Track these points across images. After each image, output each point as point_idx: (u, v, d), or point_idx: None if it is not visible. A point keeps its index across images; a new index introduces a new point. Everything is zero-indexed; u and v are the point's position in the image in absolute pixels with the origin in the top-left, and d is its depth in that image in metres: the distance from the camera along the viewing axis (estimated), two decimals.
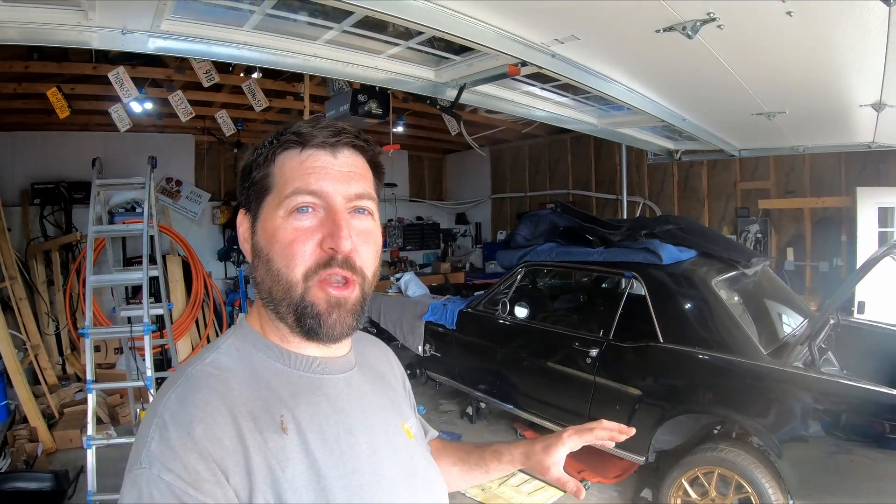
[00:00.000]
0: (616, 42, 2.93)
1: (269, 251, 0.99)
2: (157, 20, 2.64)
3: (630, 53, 3.14)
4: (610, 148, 9.44)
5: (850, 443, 3.29)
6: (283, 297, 0.98)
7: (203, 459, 0.84)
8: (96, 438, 4.21)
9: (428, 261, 12.30)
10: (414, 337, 6.30)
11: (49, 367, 6.79)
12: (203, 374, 0.96)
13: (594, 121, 5.28)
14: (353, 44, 3.29)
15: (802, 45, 2.80)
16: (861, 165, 6.94)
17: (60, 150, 8.19)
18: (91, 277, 4.89)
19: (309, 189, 0.97)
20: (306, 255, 0.96)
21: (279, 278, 0.98)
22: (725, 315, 4.04)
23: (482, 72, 3.50)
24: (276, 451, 0.91)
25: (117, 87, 4.86)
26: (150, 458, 0.84)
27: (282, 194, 0.98)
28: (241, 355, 1.01)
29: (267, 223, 1.00)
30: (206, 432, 0.86)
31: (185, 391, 0.92)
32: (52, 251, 7.67)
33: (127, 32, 2.69)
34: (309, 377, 1.03)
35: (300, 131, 1.01)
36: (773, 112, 4.22)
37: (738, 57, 2.99)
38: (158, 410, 0.90)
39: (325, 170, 1.00)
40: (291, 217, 0.97)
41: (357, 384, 1.11)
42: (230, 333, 1.07)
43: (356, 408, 1.07)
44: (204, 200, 9.72)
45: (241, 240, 1.07)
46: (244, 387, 0.96)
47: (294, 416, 0.96)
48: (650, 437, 4.07)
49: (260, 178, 1.02)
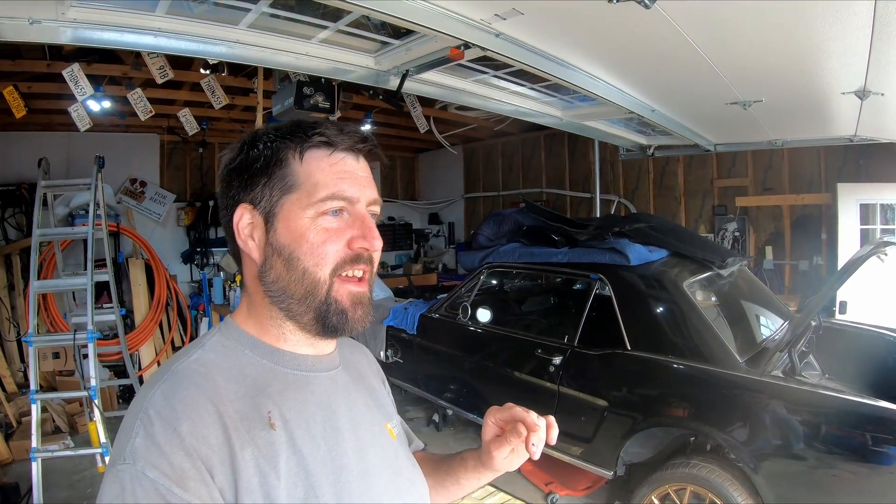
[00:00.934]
0: (564, 17, 2.64)
1: (294, 249, 1.00)
2: (60, 7, 2.51)
3: (582, 31, 2.87)
4: (584, 145, 9.29)
5: (831, 456, 3.08)
6: (304, 296, 1.00)
7: (189, 457, 0.83)
8: (41, 450, 4.16)
9: (400, 262, 12.17)
10: (376, 342, 6.07)
11: (8, 375, 6.79)
12: (189, 370, 0.95)
13: (559, 113, 5.06)
14: (278, 28, 3.07)
15: (777, 20, 2.53)
16: (841, 161, 6.79)
17: (21, 151, 7.96)
18: (35, 283, 4.85)
19: (343, 195, 1.01)
20: (335, 254, 1.00)
21: (305, 277, 1.00)
22: (698, 320, 3.79)
23: (423, 56, 3.25)
24: (264, 447, 0.91)
25: (72, 84, 4.62)
26: (134, 454, 0.83)
27: (313, 196, 1.00)
28: (227, 352, 1.01)
29: (292, 222, 1.00)
30: (192, 429, 0.86)
31: (171, 387, 0.92)
32: (12, 255, 7.59)
33: (34, 22, 2.54)
34: (296, 374, 1.04)
35: (325, 132, 1.02)
36: (748, 101, 3.96)
37: (705, 34, 2.71)
38: (143, 406, 0.89)
39: (353, 175, 1.04)
40: (321, 218, 1.00)
41: (342, 383, 1.13)
42: (216, 331, 1.07)
43: (342, 405, 1.08)
44: (168, 202, 9.51)
45: (241, 235, 1.04)
46: (230, 383, 0.95)
47: (281, 412, 0.96)
48: (618, 450, 3.83)
49: (281, 174, 1.01)
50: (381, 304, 6.38)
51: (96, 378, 4.57)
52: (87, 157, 7.36)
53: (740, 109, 4.15)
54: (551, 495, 4.50)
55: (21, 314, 7.36)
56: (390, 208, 12.53)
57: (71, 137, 8.05)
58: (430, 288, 9.92)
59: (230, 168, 1.05)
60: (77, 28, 2.67)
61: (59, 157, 7.28)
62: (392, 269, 11.72)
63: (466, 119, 8.83)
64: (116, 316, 5.56)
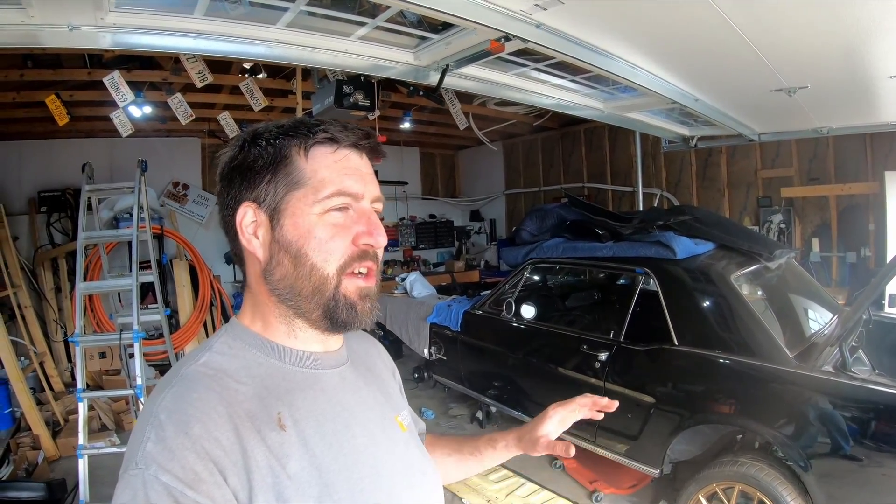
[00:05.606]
0: (604, 4, 2.60)
1: (301, 246, 1.00)
2: (99, 13, 2.55)
3: (626, 20, 2.82)
4: (625, 138, 9.16)
5: (881, 454, 2.97)
6: (313, 293, 1.01)
7: (201, 459, 0.83)
8: (88, 447, 4.24)
9: (442, 259, 12.21)
10: (419, 339, 6.11)
11: (56, 375, 6.96)
12: (198, 373, 0.95)
13: (600, 105, 4.98)
14: (317, 26, 3.07)
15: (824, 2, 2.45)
16: (888, 148, 6.58)
17: (66, 157, 8.20)
18: (80, 284, 4.88)
19: (349, 192, 1.01)
20: (343, 250, 1.00)
21: (313, 273, 1.00)
22: (746, 313, 3.70)
23: (463, 50, 3.22)
24: (275, 448, 0.90)
25: (113, 91, 4.74)
26: (147, 459, 0.83)
27: (319, 192, 1.00)
28: (234, 353, 1.01)
29: (299, 218, 1.00)
30: (204, 432, 0.85)
31: (181, 390, 0.92)
32: (59, 258, 7.81)
33: (74, 28, 2.59)
34: (304, 372, 1.04)
35: (330, 129, 1.02)
36: (793, 87, 3.86)
37: (749, 17, 2.64)
38: (154, 410, 0.89)
39: (358, 171, 1.04)
40: (327, 215, 1.00)
41: (351, 378, 1.13)
42: (222, 333, 1.07)
43: (352, 401, 1.08)
44: (211, 203, 9.66)
45: (244, 234, 1.04)
46: (239, 385, 0.95)
47: (291, 412, 0.96)
48: (665, 448, 3.77)
49: (286, 171, 1.01)
50: (424, 302, 6.39)
51: (142, 376, 4.62)
52: (129, 162, 7.55)
53: (785, 97, 4.07)
54: (596, 493, 4.43)
55: (68, 316, 7.54)
56: (431, 206, 12.60)
57: (113, 143, 8.26)
58: (473, 285, 10.01)
59: (231, 166, 1.05)
60: (116, 32, 2.69)
61: (102, 163, 7.43)
62: (434, 266, 11.76)
63: (506, 115, 8.77)
64: (161, 316, 5.61)
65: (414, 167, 12.43)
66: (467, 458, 1.43)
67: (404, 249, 11.88)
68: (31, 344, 6.78)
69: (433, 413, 6.33)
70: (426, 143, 12.07)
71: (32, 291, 7.27)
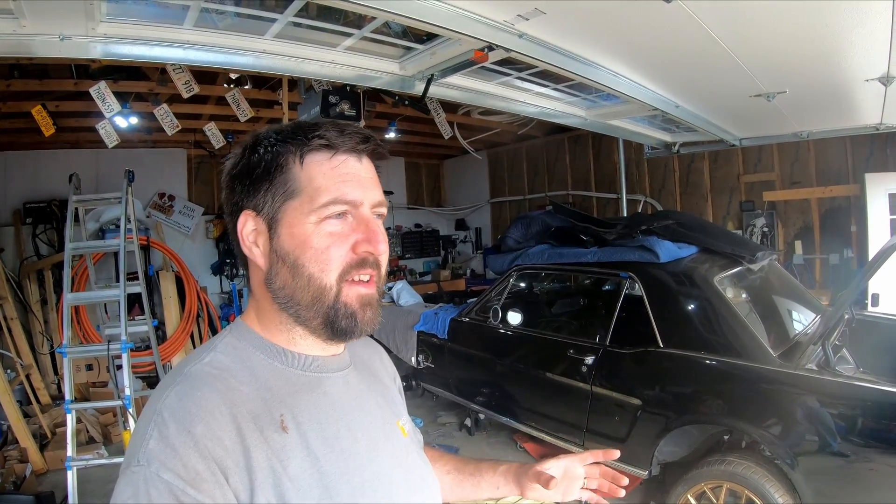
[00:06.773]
0: (586, 15, 2.65)
1: (298, 256, 0.98)
2: (90, 23, 2.57)
3: (605, 28, 2.87)
4: (609, 146, 9.25)
5: (868, 450, 3.02)
6: (312, 302, 0.99)
7: (203, 459, 0.83)
8: (76, 459, 4.23)
9: (428, 268, 12.23)
10: (407, 348, 6.10)
11: (42, 387, 6.93)
12: (202, 373, 0.95)
13: (583, 113, 5.05)
14: (304, 37, 3.11)
15: (797, 9, 2.52)
16: (868, 151, 6.71)
17: (52, 168, 8.19)
18: (68, 295, 4.88)
19: (346, 199, 0.99)
20: (341, 258, 0.99)
21: (311, 283, 0.98)
22: (730, 315, 3.75)
23: (447, 60, 3.27)
24: (278, 450, 0.90)
25: (99, 102, 4.74)
26: (149, 456, 0.83)
27: (315, 201, 0.98)
28: (238, 354, 1.01)
29: (295, 228, 0.99)
30: (207, 431, 0.85)
31: (185, 389, 0.91)
32: (45, 270, 7.78)
33: (65, 38, 2.62)
34: (307, 376, 1.04)
35: (326, 135, 1.00)
36: (772, 92, 3.94)
37: (726, 26, 2.71)
38: (157, 408, 0.88)
39: (356, 177, 1.02)
40: (324, 223, 0.98)
41: (353, 382, 1.12)
42: (226, 333, 1.07)
43: (354, 406, 1.08)
44: (197, 215, 9.68)
45: (245, 243, 1.04)
46: (243, 386, 0.95)
47: (294, 415, 0.96)
48: (653, 449, 3.80)
49: (282, 179, 1.00)
50: (411, 310, 6.39)
51: (130, 388, 4.64)
52: (116, 173, 7.53)
53: (764, 102, 4.13)
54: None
55: (54, 328, 7.51)
56: (417, 215, 12.59)
57: (99, 154, 8.26)
58: (460, 293, 9.97)
59: (232, 174, 1.04)
60: (107, 43, 2.72)
61: (88, 174, 7.37)
62: (420, 275, 11.78)
63: (490, 124, 8.83)
64: (149, 327, 5.59)
65: (399, 177, 12.46)
66: (466, 478, 1.42)
67: (390, 259, 11.76)
68: (18, 356, 6.73)
69: (422, 421, 6.30)
70: (411, 153, 12.09)
71: (18, 303, 7.22)
